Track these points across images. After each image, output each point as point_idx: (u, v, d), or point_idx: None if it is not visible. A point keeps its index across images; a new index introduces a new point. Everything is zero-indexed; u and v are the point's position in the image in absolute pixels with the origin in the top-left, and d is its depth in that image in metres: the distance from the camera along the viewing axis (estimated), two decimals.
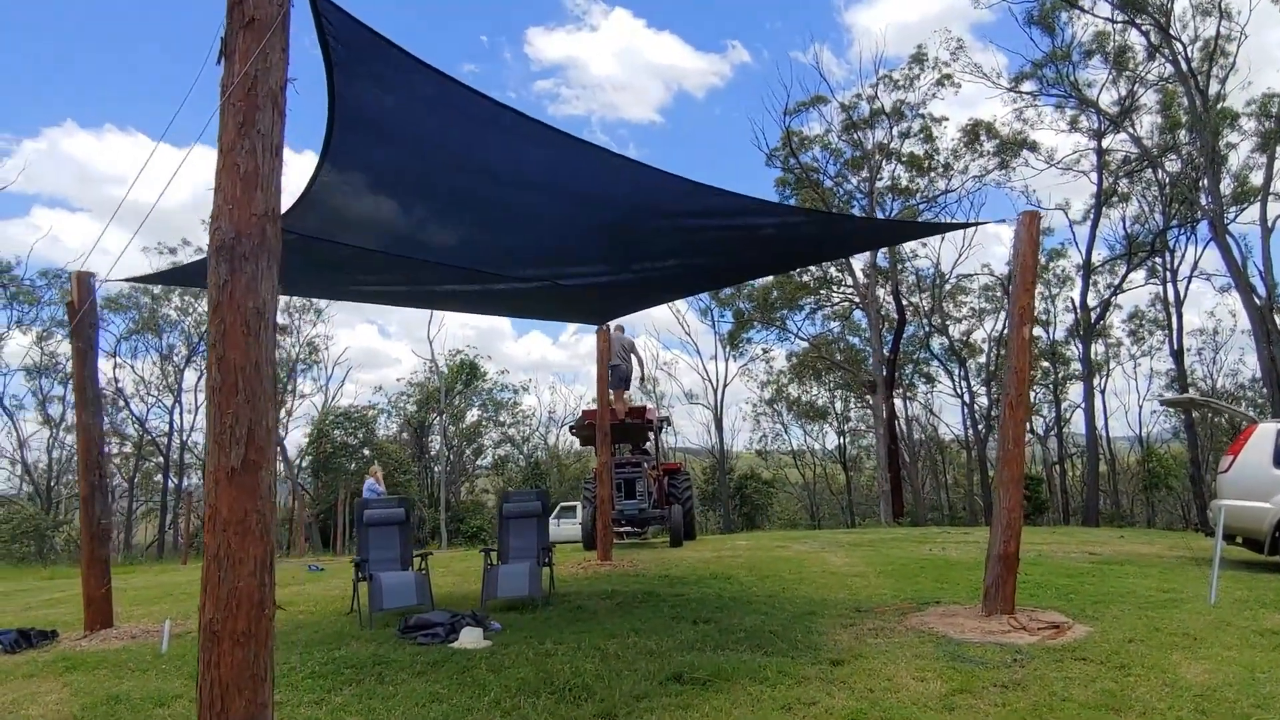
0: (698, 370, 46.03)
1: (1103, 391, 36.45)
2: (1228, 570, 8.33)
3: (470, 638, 5.74)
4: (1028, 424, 39.46)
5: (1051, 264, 32.80)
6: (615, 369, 12.36)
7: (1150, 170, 25.71)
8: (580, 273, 6.55)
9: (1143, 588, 7.10)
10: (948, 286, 34.33)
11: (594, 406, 12.38)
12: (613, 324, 11.49)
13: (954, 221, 24.30)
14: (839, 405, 41.09)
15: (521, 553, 7.54)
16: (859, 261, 27.69)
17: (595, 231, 5.73)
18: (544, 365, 76.28)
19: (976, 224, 23.20)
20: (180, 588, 11.01)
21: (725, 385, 37.26)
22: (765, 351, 35.49)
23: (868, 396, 28.50)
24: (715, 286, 8.13)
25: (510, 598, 6.98)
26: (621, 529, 13.80)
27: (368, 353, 60.29)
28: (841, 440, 42.78)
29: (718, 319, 33.47)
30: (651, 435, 13.77)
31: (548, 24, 70.65)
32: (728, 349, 34.87)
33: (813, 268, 28.47)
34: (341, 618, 7.02)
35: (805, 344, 33.90)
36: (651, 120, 62.28)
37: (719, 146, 73.71)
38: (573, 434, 16.36)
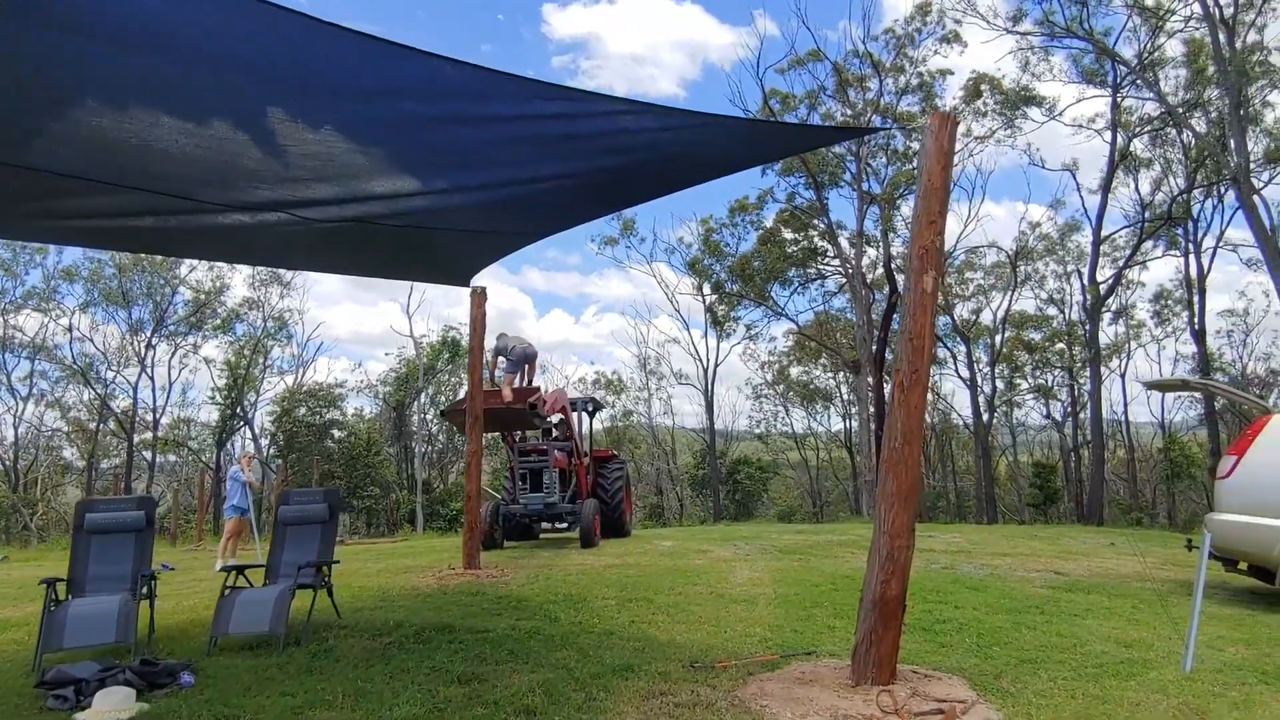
0: (687, 349, 43.92)
1: (1123, 375, 34.17)
2: (1223, 606, 6.42)
3: (106, 704, 4.07)
4: (1055, 410, 37.33)
5: (1065, 239, 30.38)
6: (508, 351, 10.79)
7: (1174, 130, 23.21)
8: (310, 199, 4.72)
9: (1099, 636, 5.24)
10: (957, 262, 32.08)
11: (492, 389, 10.71)
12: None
13: (851, 126, 21.65)
14: (844, 388, 39.02)
15: (294, 571, 5.85)
16: (845, 231, 25.55)
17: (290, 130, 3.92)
18: (565, 345, 74.44)
19: (875, 130, 20.71)
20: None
21: (716, 365, 35.25)
22: (749, 329, 33.34)
23: (858, 378, 26.44)
24: (566, 221, 6.17)
25: (246, 634, 5.30)
26: (536, 524, 12.11)
27: (392, 334, 58.22)
28: (846, 423, 40.72)
29: (707, 296, 31.47)
30: (561, 419, 11.99)
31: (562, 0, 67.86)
32: (716, 329, 32.81)
33: (799, 238, 26.36)
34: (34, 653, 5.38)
35: (792, 323, 31.84)
36: (675, 94, 59.32)
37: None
38: (444, 419, 14.62)
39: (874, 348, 23.89)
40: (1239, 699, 3.97)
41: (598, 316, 68.23)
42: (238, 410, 31.38)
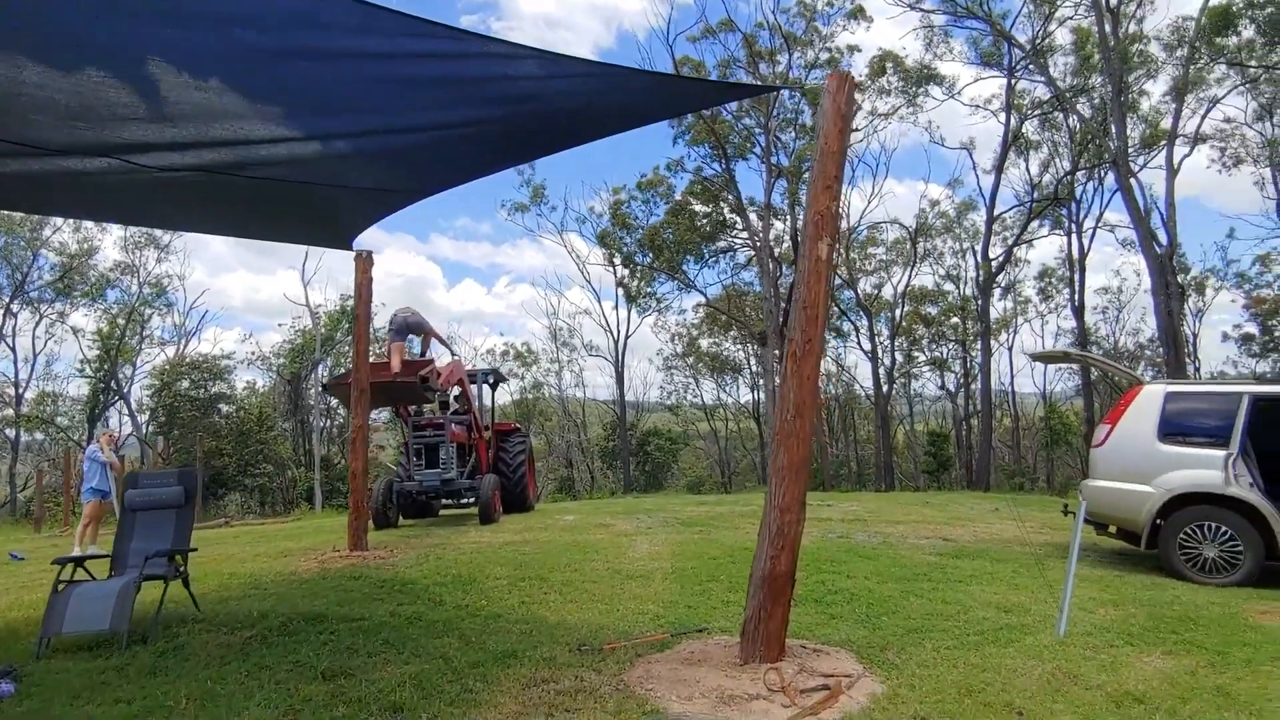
0: (598, 320, 43.46)
1: (1010, 348, 36.09)
2: (1093, 569, 6.73)
3: None
4: (956, 381, 39.25)
5: (962, 217, 31.68)
6: (391, 321, 10.28)
7: (1061, 114, 24.38)
8: (138, 143, 4.12)
9: (981, 602, 5.35)
10: (860, 238, 32.94)
11: (379, 360, 10.14)
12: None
13: (749, 84, 21.92)
14: (753, 360, 39.65)
15: (143, 561, 5.28)
16: (755, 205, 25.73)
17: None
18: (478, 316, 72.64)
19: (774, 88, 21.16)
20: None
21: (627, 337, 35.07)
22: (659, 301, 33.34)
23: (765, 349, 26.86)
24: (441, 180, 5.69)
25: (83, 633, 4.74)
26: (435, 500, 11.64)
27: (287, 304, 54.45)
28: (754, 394, 41.48)
29: (618, 268, 31.14)
30: (460, 392, 11.52)
31: None
32: (630, 303, 32.57)
33: (709, 210, 26.34)
34: None
35: (702, 296, 32.04)
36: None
37: None
38: (327, 392, 13.94)
39: (780, 319, 24.25)
40: (1107, 661, 4.08)
41: (510, 287, 66.86)
42: (111, 384, 29.09)
